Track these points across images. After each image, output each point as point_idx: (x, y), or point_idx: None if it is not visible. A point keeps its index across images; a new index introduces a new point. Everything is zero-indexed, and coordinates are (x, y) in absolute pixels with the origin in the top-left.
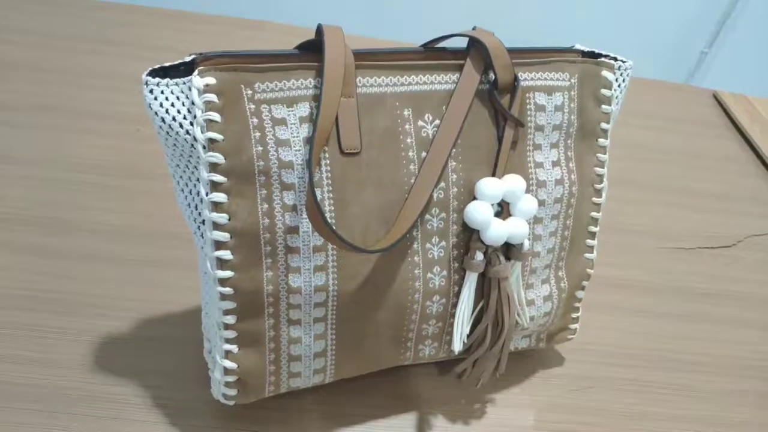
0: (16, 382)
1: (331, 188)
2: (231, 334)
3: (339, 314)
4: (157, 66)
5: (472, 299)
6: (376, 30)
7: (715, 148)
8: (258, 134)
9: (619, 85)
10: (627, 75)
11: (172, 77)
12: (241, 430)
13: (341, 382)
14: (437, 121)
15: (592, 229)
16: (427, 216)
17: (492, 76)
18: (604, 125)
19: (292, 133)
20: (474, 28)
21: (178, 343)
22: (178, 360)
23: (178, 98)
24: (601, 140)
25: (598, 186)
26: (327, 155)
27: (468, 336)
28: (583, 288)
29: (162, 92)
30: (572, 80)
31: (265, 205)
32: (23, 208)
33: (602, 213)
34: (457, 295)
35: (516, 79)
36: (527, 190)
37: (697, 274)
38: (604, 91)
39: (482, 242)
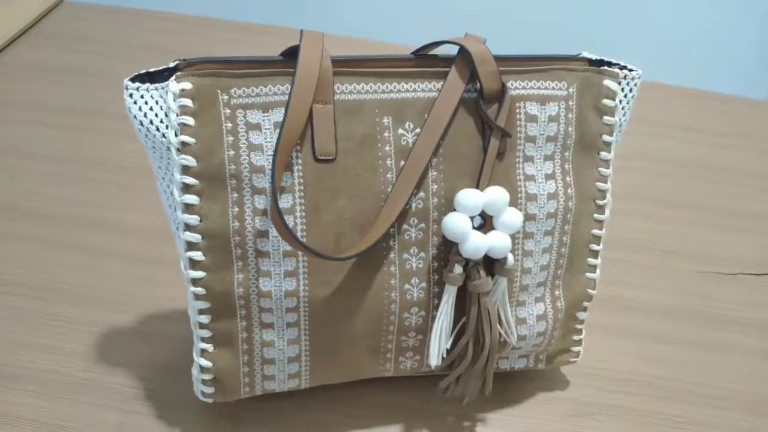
0: (21, 365)
1: (302, 194)
2: (206, 333)
3: (312, 321)
4: (143, 71)
5: (450, 313)
6: (407, 35)
7: (764, 165)
8: (231, 138)
9: (625, 95)
10: (635, 85)
11: (156, 82)
12: (225, 428)
13: (329, 388)
14: (418, 130)
15: (594, 247)
16: (405, 226)
17: (479, 84)
18: (606, 137)
19: (265, 138)
20: (465, 35)
21: (177, 339)
22: (174, 355)
23: (156, 102)
24: (604, 153)
25: (600, 202)
26: (300, 161)
27: (450, 351)
28: (584, 309)
29: (142, 96)
30: (570, 89)
31: (236, 209)
32: (53, 204)
33: (634, 231)
34: (438, 308)
35: (504, 87)
36: (515, 204)
37: (734, 301)
38: (607, 102)
39: (461, 255)
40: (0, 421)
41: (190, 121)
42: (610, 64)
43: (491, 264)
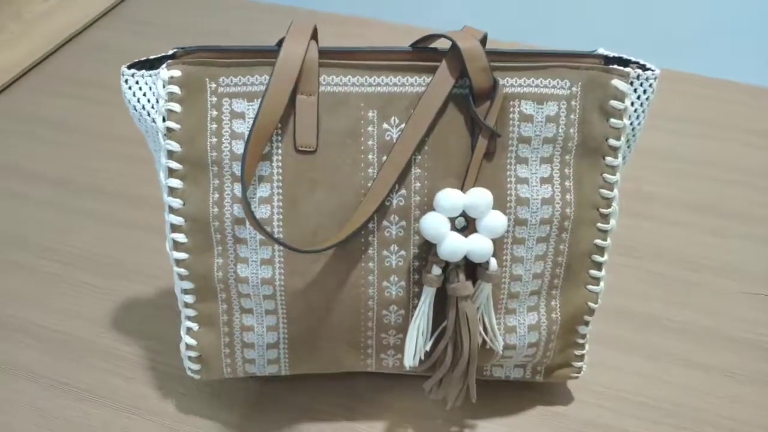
0: (40, 324)
1: (281, 184)
2: (191, 312)
3: (289, 310)
4: (143, 58)
5: (427, 314)
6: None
7: None
8: (214, 126)
9: (638, 97)
10: (650, 86)
11: (154, 69)
12: (220, 406)
13: (324, 377)
14: (403, 125)
15: (598, 258)
16: (385, 222)
17: (469, 80)
18: (613, 142)
19: (248, 127)
20: (463, 28)
21: None
22: None
23: (150, 89)
24: (610, 159)
25: (604, 210)
26: (280, 151)
27: (430, 354)
28: (586, 323)
29: (137, 82)
30: (574, 89)
31: (216, 195)
32: (106, 179)
33: (671, 241)
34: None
35: (495, 84)
36: (503, 207)
37: None
38: (614, 103)
39: (438, 256)
40: (5, 368)
41: (176, 107)
42: (628, 62)
43: (475, 268)
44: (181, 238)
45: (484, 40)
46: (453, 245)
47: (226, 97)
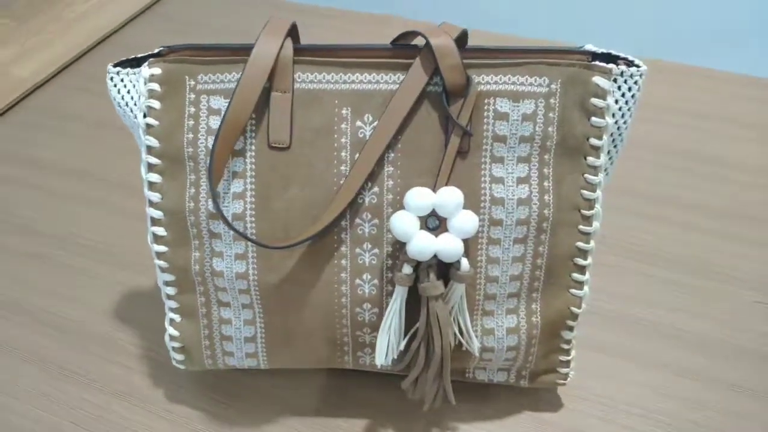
0: (46, 310)
1: (254, 180)
2: (173, 303)
3: (264, 305)
4: (131, 57)
5: (398, 313)
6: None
7: None
8: (192, 122)
9: (623, 95)
10: (635, 83)
11: (140, 67)
12: (203, 396)
13: (310, 373)
14: (377, 123)
15: (580, 262)
16: (358, 220)
17: (441, 77)
18: (594, 141)
19: None
20: (441, 24)
21: None
22: None
23: (134, 86)
24: (591, 159)
25: (586, 212)
26: (254, 147)
27: (405, 353)
28: (570, 328)
29: (122, 80)
30: (553, 86)
31: (192, 190)
32: (126, 173)
33: (685, 247)
34: None
35: (468, 81)
36: (477, 207)
37: None
38: (595, 101)
39: (408, 255)
40: (8, 349)
41: (156, 104)
42: (617, 57)
43: (448, 268)
44: (160, 231)
45: (463, 37)
46: (421, 244)
47: (204, 94)
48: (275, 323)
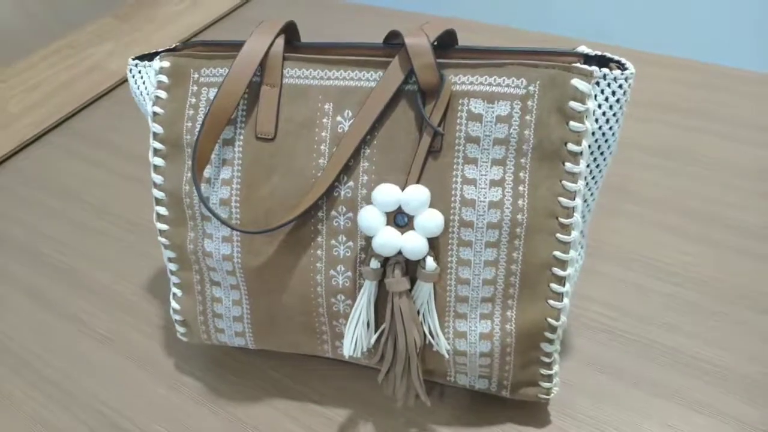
0: (87, 275)
1: (240, 168)
2: (175, 279)
3: (249, 287)
4: (152, 51)
5: (366, 307)
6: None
7: None
8: (191, 112)
9: (606, 99)
10: (619, 87)
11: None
12: (207, 370)
13: (307, 359)
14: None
15: (558, 272)
16: (334, 212)
17: (415, 76)
18: (572, 147)
19: None
20: (424, 24)
21: None
22: None
23: (150, 77)
24: (570, 165)
25: (564, 220)
26: (242, 137)
27: (375, 348)
28: (549, 341)
29: (139, 72)
30: (531, 88)
31: (188, 174)
32: None
33: (720, 270)
34: None
35: (442, 80)
36: (447, 207)
37: None
38: (574, 105)
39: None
40: (55, 309)
41: (163, 94)
42: (610, 60)
43: (416, 266)
44: (162, 210)
45: (450, 36)
46: (384, 240)
47: (205, 87)
48: (259, 305)
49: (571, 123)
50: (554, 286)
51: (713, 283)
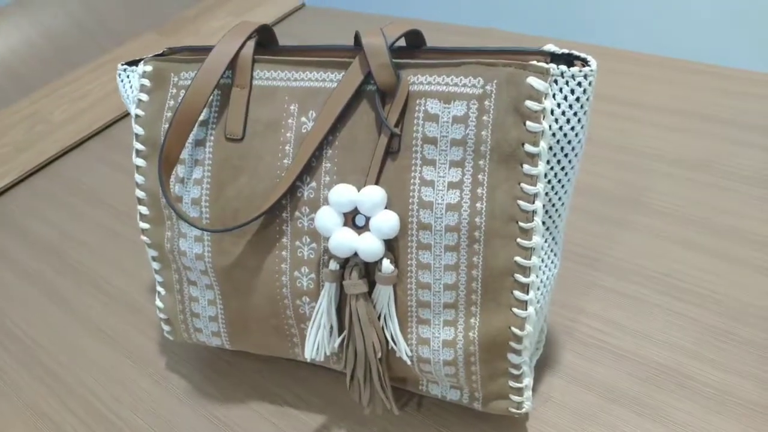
0: (100, 276)
1: (210, 168)
2: (159, 278)
3: (221, 288)
4: (139, 58)
5: (327, 308)
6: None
7: None
8: (169, 114)
9: (565, 97)
10: (578, 84)
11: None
12: (194, 369)
13: (290, 362)
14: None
15: (521, 279)
16: (297, 213)
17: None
18: (530, 148)
19: None
20: (388, 25)
21: None
22: None
23: (135, 81)
24: (528, 167)
25: (524, 225)
26: (213, 138)
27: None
28: (516, 352)
29: (128, 76)
30: (488, 87)
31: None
32: None
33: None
34: None
35: (398, 80)
36: (405, 209)
37: None
38: (530, 104)
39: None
40: (59, 303)
41: (144, 97)
42: (576, 58)
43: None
44: (144, 210)
45: (417, 37)
46: (338, 240)
47: (183, 89)
48: (232, 306)
49: (528, 123)
50: (518, 293)
51: (723, 300)
